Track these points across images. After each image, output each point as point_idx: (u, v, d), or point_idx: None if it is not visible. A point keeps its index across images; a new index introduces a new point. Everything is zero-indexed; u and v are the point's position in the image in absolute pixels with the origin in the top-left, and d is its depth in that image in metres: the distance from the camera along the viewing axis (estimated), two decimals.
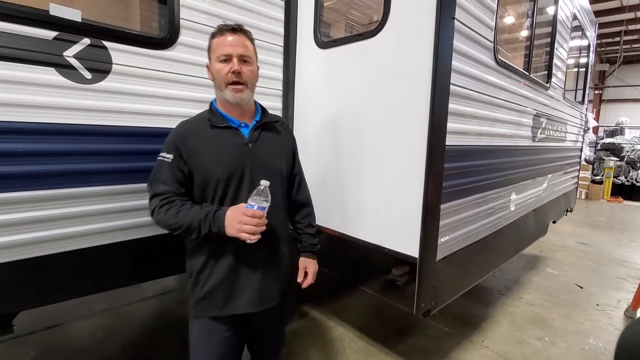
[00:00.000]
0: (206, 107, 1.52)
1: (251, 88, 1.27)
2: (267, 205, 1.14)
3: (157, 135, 1.65)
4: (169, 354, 2.35)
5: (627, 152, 10.71)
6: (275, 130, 1.38)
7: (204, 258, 1.26)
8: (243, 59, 1.22)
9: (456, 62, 1.62)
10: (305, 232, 1.50)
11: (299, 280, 1.47)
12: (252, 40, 1.28)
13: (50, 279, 1.44)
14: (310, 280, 1.46)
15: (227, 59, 1.20)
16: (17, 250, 1.33)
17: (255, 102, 1.38)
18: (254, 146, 1.27)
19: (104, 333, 2.57)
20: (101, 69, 1.45)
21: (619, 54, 13.02)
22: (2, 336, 1.51)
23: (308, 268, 1.47)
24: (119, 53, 1.49)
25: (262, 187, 1.13)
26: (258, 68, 1.32)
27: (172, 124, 1.66)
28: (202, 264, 1.26)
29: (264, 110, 1.38)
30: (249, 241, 1.14)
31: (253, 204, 1.11)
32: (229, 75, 1.19)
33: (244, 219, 1.11)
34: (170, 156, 1.20)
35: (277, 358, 1.58)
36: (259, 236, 1.14)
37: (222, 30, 1.22)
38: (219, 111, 1.28)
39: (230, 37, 1.21)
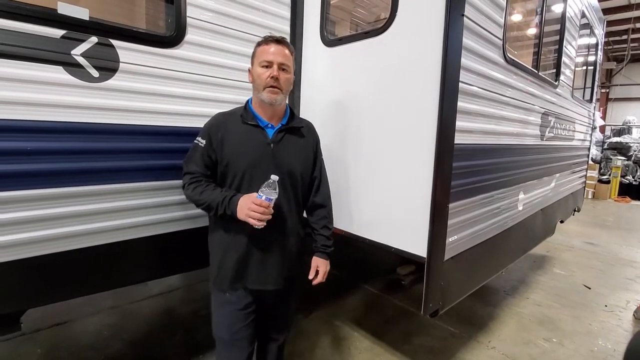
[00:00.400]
0: (212, 105, 1.77)
1: (285, 93, 1.41)
2: (274, 197, 1.26)
3: (164, 133, 1.66)
4: (174, 352, 2.35)
5: (635, 151, 10.59)
6: (300, 134, 1.50)
7: (224, 237, 1.42)
8: (282, 67, 1.36)
9: (465, 60, 1.60)
10: (320, 233, 1.58)
11: (310, 277, 1.56)
12: (292, 52, 1.42)
13: (56, 277, 1.44)
14: (320, 279, 1.55)
15: (269, 65, 1.35)
16: (25, 249, 1.34)
17: (287, 107, 1.50)
18: (275, 146, 1.40)
19: (110, 331, 2.59)
20: (108, 67, 1.45)
21: (626, 52, 12.84)
22: (10, 334, 1.50)
23: (319, 267, 1.56)
24: (126, 51, 1.49)
25: (271, 181, 1.25)
26: (294, 77, 1.48)
27: (180, 122, 1.70)
28: (220, 244, 1.43)
29: (292, 114, 1.50)
30: (255, 226, 1.28)
31: (262, 194, 1.25)
32: (268, 80, 1.33)
33: (252, 207, 1.25)
34: (204, 142, 1.37)
35: (283, 342, 1.70)
36: (264, 223, 1.28)
37: (268, 40, 1.38)
38: (252, 110, 1.42)
39: (273, 47, 1.36)
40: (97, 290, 1.60)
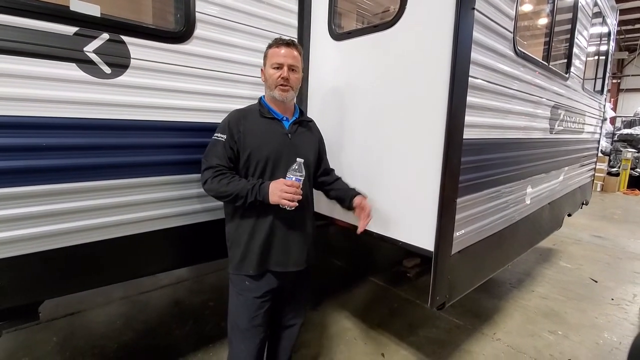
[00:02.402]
0: (222, 100, 1.84)
1: (295, 90, 1.54)
2: (302, 178, 1.38)
3: (175, 129, 1.68)
4: (185, 341, 2.41)
5: None
6: (309, 127, 1.66)
7: (246, 226, 1.50)
8: (292, 68, 1.49)
9: (475, 54, 1.58)
10: (350, 188, 1.75)
11: (357, 214, 1.66)
12: (301, 52, 1.55)
13: (77, 268, 1.50)
14: (367, 213, 1.65)
15: (279, 66, 1.47)
16: (46, 241, 1.39)
17: (295, 104, 1.64)
18: (292, 137, 1.54)
19: (122, 320, 2.66)
20: (120, 63, 1.47)
21: (639, 42, 12.56)
22: (28, 323, 1.56)
23: (364, 203, 1.65)
24: (137, 47, 1.51)
25: (297, 164, 1.37)
26: (303, 75, 1.59)
27: (189, 117, 1.72)
28: (243, 230, 1.50)
29: (301, 111, 1.65)
30: (288, 207, 1.37)
31: (291, 176, 1.36)
32: (279, 80, 1.46)
33: (284, 188, 1.35)
34: (224, 136, 1.45)
35: (297, 330, 1.77)
36: (296, 203, 1.37)
37: (279, 43, 1.49)
38: (267, 105, 1.55)
39: (283, 50, 1.48)
40: (115, 281, 1.65)
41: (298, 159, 1.38)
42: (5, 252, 1.30)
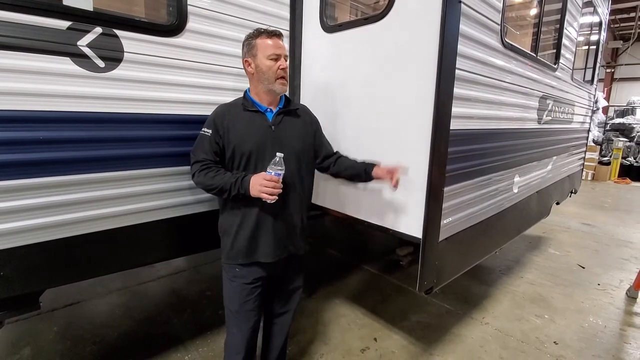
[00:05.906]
0: (212, 92, 1.85)
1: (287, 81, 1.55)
2: (281, 172, 1.39)
3: (168, 121, 1.71)
4: (183, 329, 2.48)
5: (638, 132, 10.52)
6: (296, 115, 1.63)
7: (235, 217, 1.53)
8: (285, 58, 1.50)
9: (462, 46, 1.62)
10: (354, 164, 1.73)
11: (389, 177, 1.62)
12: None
13: (77, 257, 1.54)
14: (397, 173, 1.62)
15: (277, 57, 1.47)
16: (48, 232, 1.43)
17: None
18: (275, 128, 1.53)
19: (121, 310, 2.71)
20: (114, 57, 1.49)
21: (633, 31, 12.57)
22: (30, 312, 1.61)
23: (389, 169, 1.63)
24: (130, 41, 1.52)
25: (277, 158, 1.38)
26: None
27: (183, 110, 1.74)
28: (233, 222, 1.54)
29: (287, 99, 1.64)
30: (268, 201, 1.40)
31: (271, 171, 1.38)
32: (279, 71, 1.48)
33: (263, 182, 1.37)
34: (210, 131, 1.48)
35: (290, 318, 1.81)
36: (275, 197, 1.40)
37: (269, 33, 1.49)
38: (251, 98, 1.56)
39: (276, 40, 1.49)
40: (114, 270, 1.70)
41: (278, 154, 1.38)
42: (7, 243, 1.34)
